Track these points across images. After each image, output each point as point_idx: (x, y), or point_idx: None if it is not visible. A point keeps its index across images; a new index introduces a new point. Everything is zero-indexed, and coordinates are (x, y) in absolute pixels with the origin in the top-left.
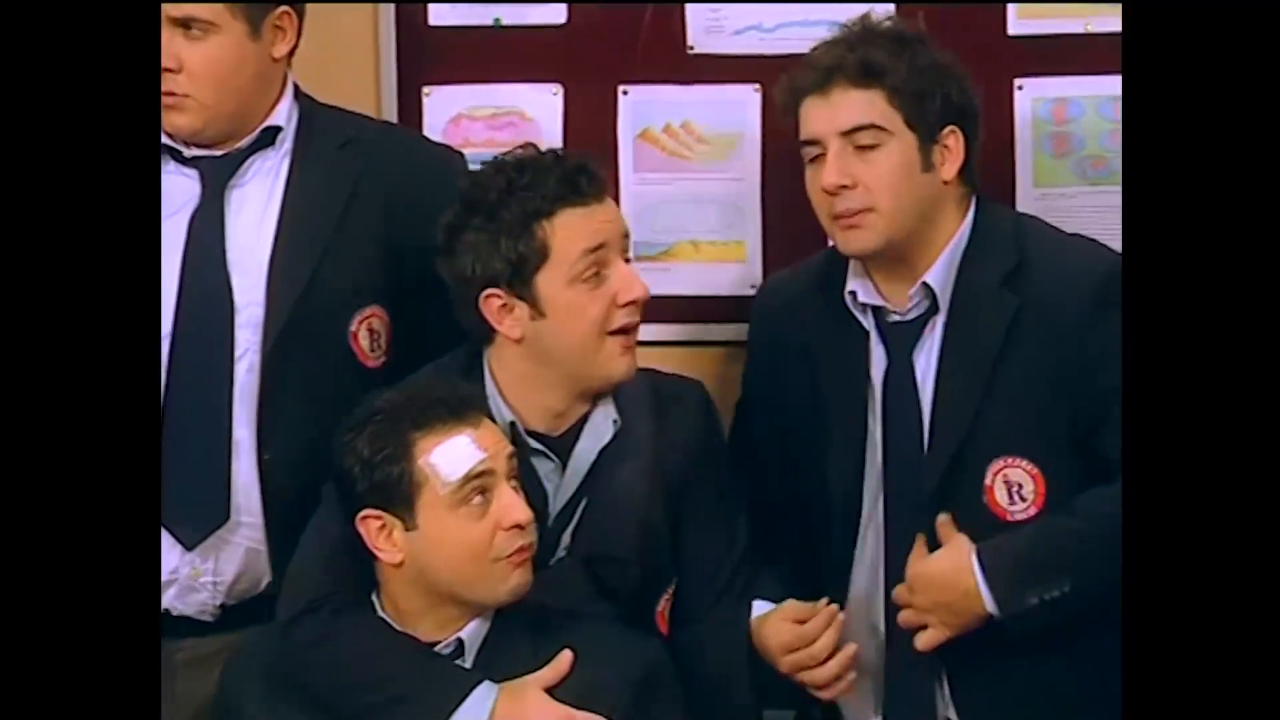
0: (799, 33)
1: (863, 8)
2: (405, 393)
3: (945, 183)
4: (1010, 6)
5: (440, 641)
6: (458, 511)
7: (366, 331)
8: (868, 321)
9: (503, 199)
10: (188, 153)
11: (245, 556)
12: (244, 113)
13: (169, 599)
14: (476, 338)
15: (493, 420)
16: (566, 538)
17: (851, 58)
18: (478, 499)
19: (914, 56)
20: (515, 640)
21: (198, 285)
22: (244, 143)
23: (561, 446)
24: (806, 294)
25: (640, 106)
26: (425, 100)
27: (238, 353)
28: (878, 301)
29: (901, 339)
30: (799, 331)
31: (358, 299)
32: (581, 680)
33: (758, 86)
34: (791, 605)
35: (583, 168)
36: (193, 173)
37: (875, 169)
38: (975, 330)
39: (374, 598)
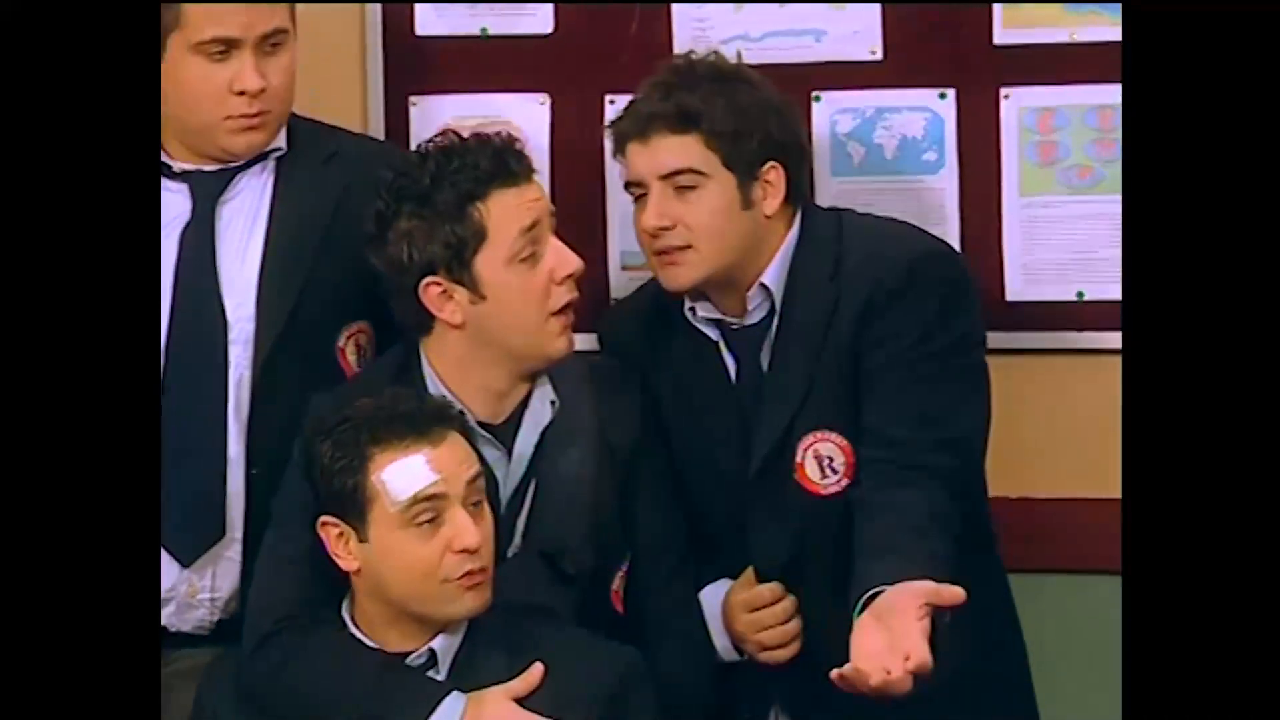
0: (785, 42)
1: (845, 17)
2: (373, 403)
3: (767, 217)
4: (996, 16)
5: (412, 652)
6: (406, 530)
7: (354, 346)
8: (714, 333)
9: (435, 184)
10: (177, 168)
11: (241, 572)
12: None
13: (167, 616)
14: (412, 330)
15: (461, 432)
16: (520, 524)
17: (668, 104)
18: (426, 521)
19: (731, 96)
20: (489, 651)
21: (191, 302)
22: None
23: (505, 434)
24: (651, 317)
25: None
26: (412, 110)
27: (230, 369)
28: (717, 315)
29: (746, 343)
30: (652, 354)
31: (345, 314)
32: (555, 690)
33: None
34: (751, 570)
35: (509, 148)
36: (182, 188)
37: (694, 209)
38: (803, 323)
39: (345, 608)
